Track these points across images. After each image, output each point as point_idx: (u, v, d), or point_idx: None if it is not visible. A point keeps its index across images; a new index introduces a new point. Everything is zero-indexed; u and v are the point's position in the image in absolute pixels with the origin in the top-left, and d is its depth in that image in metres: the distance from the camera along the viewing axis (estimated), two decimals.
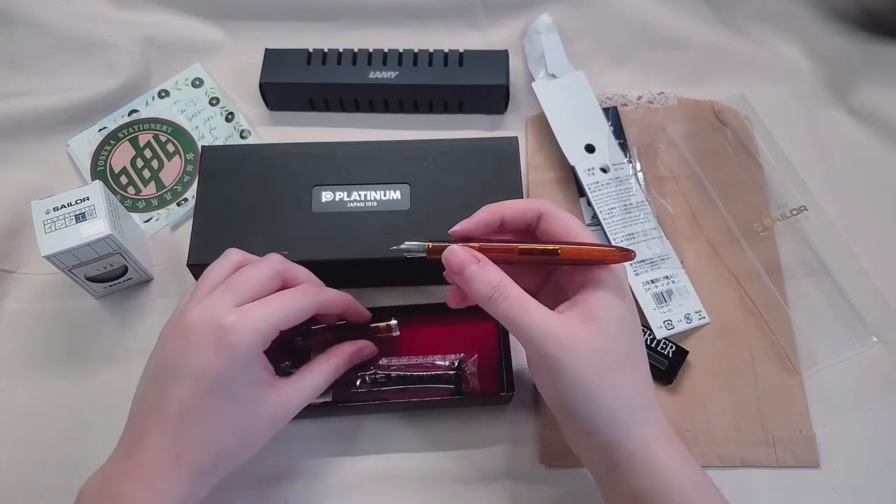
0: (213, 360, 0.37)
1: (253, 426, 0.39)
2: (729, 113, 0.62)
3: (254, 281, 0.41)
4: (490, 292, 0.37)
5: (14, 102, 0.62)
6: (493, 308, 0.38)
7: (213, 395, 0.37)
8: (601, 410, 0.37)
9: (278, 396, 0.40)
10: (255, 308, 0.39)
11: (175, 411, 0.37)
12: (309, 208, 0.52)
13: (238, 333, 0.37)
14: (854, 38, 0.67)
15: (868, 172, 0.60)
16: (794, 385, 0.51)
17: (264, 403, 0.39)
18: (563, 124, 0.60)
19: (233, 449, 0.39)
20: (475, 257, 0.38)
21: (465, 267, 0.38)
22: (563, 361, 0.36)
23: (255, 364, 0.39)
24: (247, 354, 0.38)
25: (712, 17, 0.69)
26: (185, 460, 0.37)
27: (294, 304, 0.40)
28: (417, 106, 0.63)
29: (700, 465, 0.39)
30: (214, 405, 0.37)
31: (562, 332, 0.37)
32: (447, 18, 0.68)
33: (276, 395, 0.40)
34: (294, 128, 0.63)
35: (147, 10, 0.68)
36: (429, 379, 0.49)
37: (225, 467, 0.40)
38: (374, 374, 0.49)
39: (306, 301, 0.41)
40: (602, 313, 0.37)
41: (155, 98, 0.64)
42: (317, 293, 0.42)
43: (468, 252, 0.38)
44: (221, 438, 0.38)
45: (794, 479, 0.48)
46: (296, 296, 0.41)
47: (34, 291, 0.55)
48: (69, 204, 0.49)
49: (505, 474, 0.48)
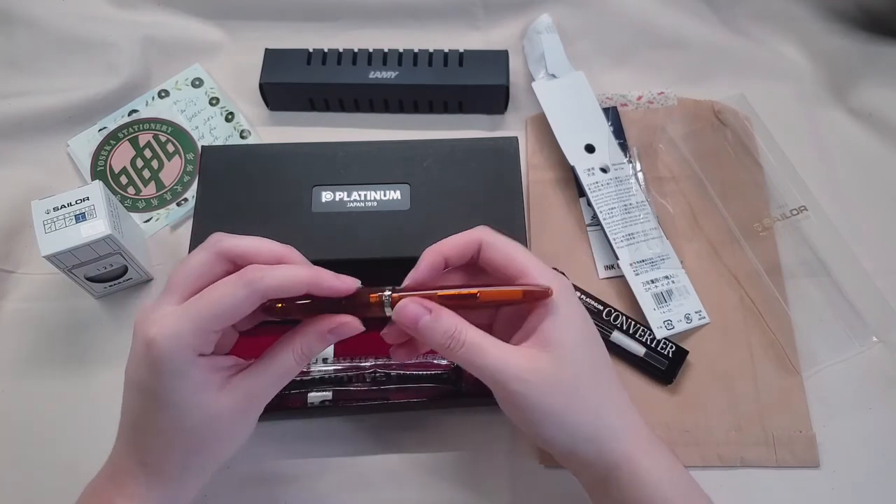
0: (145, 376, 0.35)
1: (212, 429, 0.36)
2: (729, 113, 0.62)
3: (188, 273, 0.36)
4: (446, 341, 0.36)
5: (14, 102, 0.62)
6: (451, 356, 0.37)
7: (154, 408, 0.35)
8: (576, 434, 0.37)
9: (233, 393, 0.36)
10: (178, 313, 0.34)
11: (129, 420, 0.37)
12: (309, 208, 0.52)
13: (159, 348, 0.34)
14: (854, 38, 0.67)
15: (868, 172, 0.60)
16: (794, 385, 0.51)
17: (217, 406, 0.36)
18: (563, 124, 0.60)
19: (198, 451, 0.37)
20: (426, 308, 0.37)
21: (418, 320, 0.36)
22: (528, 397, 0.36)
23: (189, 373, 0.35)
24: (173, 367, 0.34)
25: (712, 17, 0.69)
26: (150, 467, 0.36)
27: (223, 301, 0.34)
28: (417, 106, 0.63)
29: (686, 470, 0.39)
30: (159, 417, 0.35)
31: (521, 367, 0.36)
32: (447, 18, 0.68)
33: (229, 395, 0.36)
34: (294, 128, 0.63)
35: (147, 10, 0.68)
36: (429, 378, 0.49)
37: (199, 469, 0.38)
38: (374, 373, 0.49)
39: (241, 293, 0.34)
40: (557, 337, 0.37)
41: (155, 98, 0.64)
42: (258, 280, 0.35)
43: (417, 304, 0.37)
44: (179, 444, 0.36)
45: (794, 479, 0.48)
46: (225, 288, 0.35)
47: (34, 291, 0.55)
48: (69, 204, 0.49)
49: (505, 474, 0.48)
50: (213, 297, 0.34)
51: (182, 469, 0.37)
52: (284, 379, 0.38)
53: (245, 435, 0.39)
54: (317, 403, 0.48)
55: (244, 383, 0.37)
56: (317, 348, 0.38)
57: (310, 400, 0.49)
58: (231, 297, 0.34)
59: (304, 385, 0.49)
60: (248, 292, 0.34)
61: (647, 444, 0.39)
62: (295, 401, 0.49)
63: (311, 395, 0.49)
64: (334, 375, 0.49)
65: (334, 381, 0.49)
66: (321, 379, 0.49)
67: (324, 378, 0.49)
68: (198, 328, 0.34)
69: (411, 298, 0.37)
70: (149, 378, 0.35)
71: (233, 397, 0.36)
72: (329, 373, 0.49)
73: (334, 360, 0.50)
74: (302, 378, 0.49)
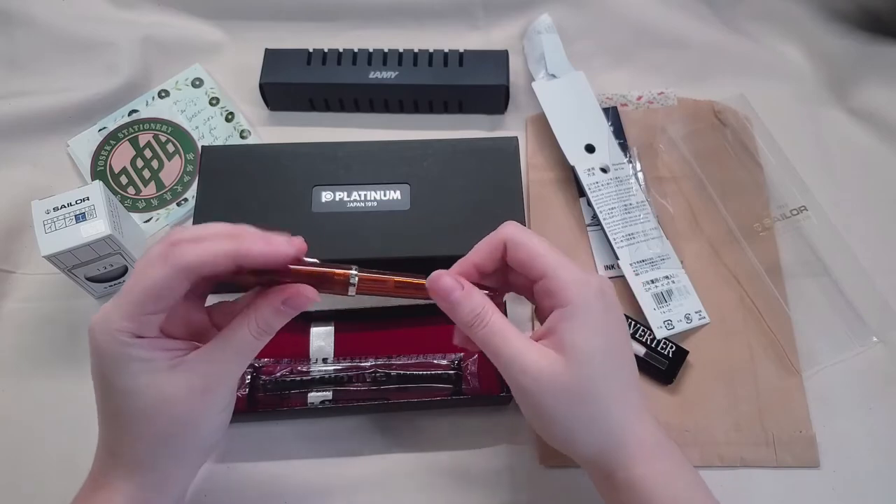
0: (94, 366, 0.35)
1: (170, 411, 0.35)
2: (729, 113, 0.62)
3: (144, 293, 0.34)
4: (471, 319, 0.37)
5: (14, 102, 0.62)
6: (473, 334, 0.38)
7: (107, 395, 0.36)
8: (577, 437, 0.38)
9: (187, 374, 0.35)
10: (112, 301, 0.35)
11: (98, 410, 0.37)
12: (309, 208, 0.52)
13: (94, 335, 0.34)
14: (854, 38, 0.67)
15: (868, 172, 0.60)
16: (794, 385, 0.51)
17: (169, 386, 0.35)
18: (563, 124, 0.59)
19: (164, 437, 0.36)
20: (459, 283, 0.38)
21: (450, 293, 0.38)
22: (534, 394, 0.37)
23: (128, 355, 0.34)
24: (110, 351, 0.34)
25: (712, 17, 0.69)
26: (120, 457, 0.36)
27: (145, 283, 0.34)
28: (417, 106, 0.63)
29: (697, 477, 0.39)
30: (112, 404, 0.36)
31: (535, 363, 0.37)
32: (447, 18, 0.68)
33: (182, 375, 0.35)
34: (294, 128, 0.63)
35: (147, 10, 0.69)
36: (429, 378, 0.49)
37: (174, 456, 0.37)
38: (374, 373, 0.49)
39: (161, 273, 0.33)
40: (572, 342, 0.37)
41: (155, 98, 0.64)
42: (178, 257, 0.34)
43: (452, 278, 0.38)
44: (141, 430, 0.36)
45: (794, 479, 0.48)
46: (148, 269, 0.34)
47: (34, 291, 0.55)
48: (69, 204, 0.49)
49: (504, 474, 0.48)
50: (138, 280, 0.34)
51: (154, 456, 0.37)
52: (245, 356, 0.37)
53: (218, 418, 0.38)
54: (317, 404, 0.48)
55: (199, 362, 0.36)
56: (274, 321, 0.37)
57: (310, 400, 0.49)
58: (153, 277, 0.34)
59: (305, 385, 0.49)
60: (171, 271, 0.34)
61: (652, 452, 0.38)
62: (295, 401, 0.49)
63: (311, 395, 0.49)
64: (334, 375, 0.49)
65: (334, 381, 0.49)
66: (321, 379, 0.49)
67: (324, 378, 0.49)
68: (127, 312, 0.34)
69: (447, 272, 0.39)
70: (96, 367, 0.35)
71: (186, 377, 0.35)
72: (329, 373, 0.50)
73: (334, 360, 0.50)
74: (302, 378, 0.49)
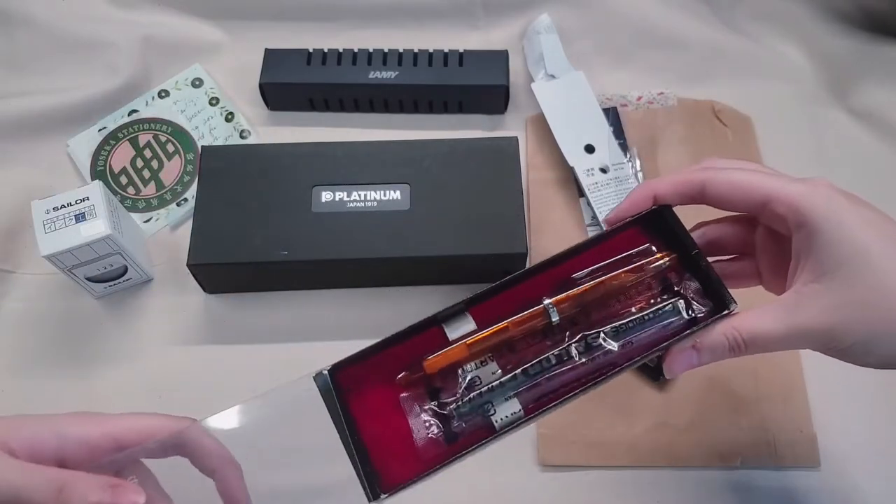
0: None
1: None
2: (729, 113, 0.62)
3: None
4: (730, 354, 0.34)
5: (14, 102, 0.62)
6: (743, 354, 0.34)
7: None
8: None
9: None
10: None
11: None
12: (309, 208, 0.52)
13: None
14: (854, 38, 0.67)
15: (868, 172, 0.60)
16: (795, 385, 0.50)
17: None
18: (563, 125, 0.59)
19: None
20: (691, 350, 0.34)
21: (693, 366, 0.34)
22: (834, 338, 0.32)
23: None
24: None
25: (712, 17, 0.68)
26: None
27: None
28: (417, 106, 0.63)
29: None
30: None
31: (807, 318, 0.32)
32: (447, 18, 0.68)
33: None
34: (294, 128, 0.63)
35: (147, 10, 0.68)
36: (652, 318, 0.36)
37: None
38: (583, 341, 0.35)
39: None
40: (833, 259, 0.32)
41: (155, 98, 0.64)
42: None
43: (680, 355, 0.34)
44: None
45: (794, 479, 0.48)
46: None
47: (34, 291, 0.55)
48: (69, 204, 0.49)
49: (504, 474, 0.48)
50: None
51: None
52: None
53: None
54: (509, 420, 0.35)
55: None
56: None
57: (498, 421, 0.35)
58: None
59: (494, 395, 0.35)
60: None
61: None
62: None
63: (499, 411, 0.35)
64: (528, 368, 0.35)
65: (530, 375, 0.35)
66: (505, 383, 0.35)
67: (515, 378, 0.35)
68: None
69: (671, 354, 0.35)
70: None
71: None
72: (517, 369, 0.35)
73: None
74: (491, 386, 0.35)
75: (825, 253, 0.32)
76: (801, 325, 0.33)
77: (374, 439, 0.33)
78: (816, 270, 0.32)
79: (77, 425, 0.33)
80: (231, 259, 0.51)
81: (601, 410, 0.50)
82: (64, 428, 0.33)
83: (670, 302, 0.36)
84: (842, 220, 0.32)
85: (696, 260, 0.36)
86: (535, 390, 0.35)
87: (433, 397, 0.35)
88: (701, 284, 0.36)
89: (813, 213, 0.33)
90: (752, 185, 0.35)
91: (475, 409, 0.34)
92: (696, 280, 0.36)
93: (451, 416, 0.34)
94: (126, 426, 0.34)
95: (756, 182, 0.35)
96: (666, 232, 0.37)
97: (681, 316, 0.36)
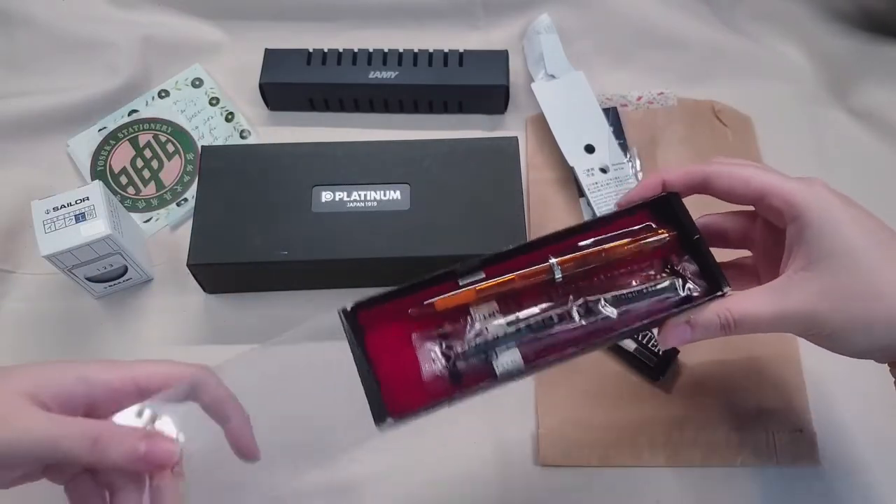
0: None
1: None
2: (729, 113, 0.62)
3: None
4: (721, 332, 0.36)
5: (14, 102, 0.62)
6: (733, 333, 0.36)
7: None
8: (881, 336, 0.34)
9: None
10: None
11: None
12: (309, 208, 0.52)
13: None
14: (854, 38, 0.67)
15: (868, 172, 0.60)
16: (795, 384, 0.50)
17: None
18: (563, 125, 0.59)
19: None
20: (684, 326, 0.36)
21: (686, 341, 0.36)
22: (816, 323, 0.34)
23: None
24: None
25: (712, 17, 0.69)
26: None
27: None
28: (417, 106, 0.63)
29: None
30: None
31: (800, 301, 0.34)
32: (447, 18, 0.68)
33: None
34: (294, 128, 0.63)
35: (147, 10, 0.68)
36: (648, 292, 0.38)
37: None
38: (585, 305, 0.37)
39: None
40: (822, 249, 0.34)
41: (155, 98, 0.64)
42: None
43: (674, 328, 0.36)
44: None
45: (794, 478, 0.48)
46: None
47: (34, 291, 0.55)
48: (69, 204, 0.49)
49: (503, 474, 0.48)
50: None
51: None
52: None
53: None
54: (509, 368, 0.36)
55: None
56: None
57: (499, 366, 0.36)
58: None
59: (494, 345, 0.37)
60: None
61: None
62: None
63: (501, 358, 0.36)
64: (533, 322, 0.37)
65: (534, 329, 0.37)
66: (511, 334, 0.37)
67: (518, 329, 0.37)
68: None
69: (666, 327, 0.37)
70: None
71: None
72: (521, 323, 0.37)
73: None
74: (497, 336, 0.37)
75: (815, 244, 0.34)
76: (787, 308, 0.35)
77: (385, 374, 0.36)
78: (806, 259, 0.35)
79: (100, 371, 0.35)
80: (231, 259, 0.51)
81: (601, 410, 0.50)
82: (89, 374, 0.35)
83: (669, 279, 0.38)
84: (833, 216, 0.35)
85: (698, 245, 0.38)
86: (535, 344, 0.37)
87: (443, 340, 0.37)
88: (699, 267, 0.39)
89: (807, 207, 0.35)
90: (751, 178, 0.37)
91: (479, 351, 0.37)
92: (695, 263, 0.39)
93: (456, 358, 0.37)
94: (147, 372, 0.36)
95: (756, 176, 0.37)
96: (672, 217, 0.39)
97: (678, 293, 0.38)
